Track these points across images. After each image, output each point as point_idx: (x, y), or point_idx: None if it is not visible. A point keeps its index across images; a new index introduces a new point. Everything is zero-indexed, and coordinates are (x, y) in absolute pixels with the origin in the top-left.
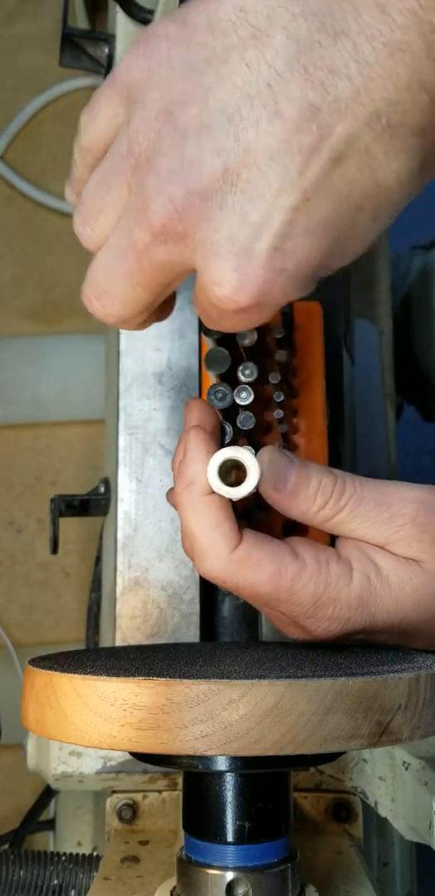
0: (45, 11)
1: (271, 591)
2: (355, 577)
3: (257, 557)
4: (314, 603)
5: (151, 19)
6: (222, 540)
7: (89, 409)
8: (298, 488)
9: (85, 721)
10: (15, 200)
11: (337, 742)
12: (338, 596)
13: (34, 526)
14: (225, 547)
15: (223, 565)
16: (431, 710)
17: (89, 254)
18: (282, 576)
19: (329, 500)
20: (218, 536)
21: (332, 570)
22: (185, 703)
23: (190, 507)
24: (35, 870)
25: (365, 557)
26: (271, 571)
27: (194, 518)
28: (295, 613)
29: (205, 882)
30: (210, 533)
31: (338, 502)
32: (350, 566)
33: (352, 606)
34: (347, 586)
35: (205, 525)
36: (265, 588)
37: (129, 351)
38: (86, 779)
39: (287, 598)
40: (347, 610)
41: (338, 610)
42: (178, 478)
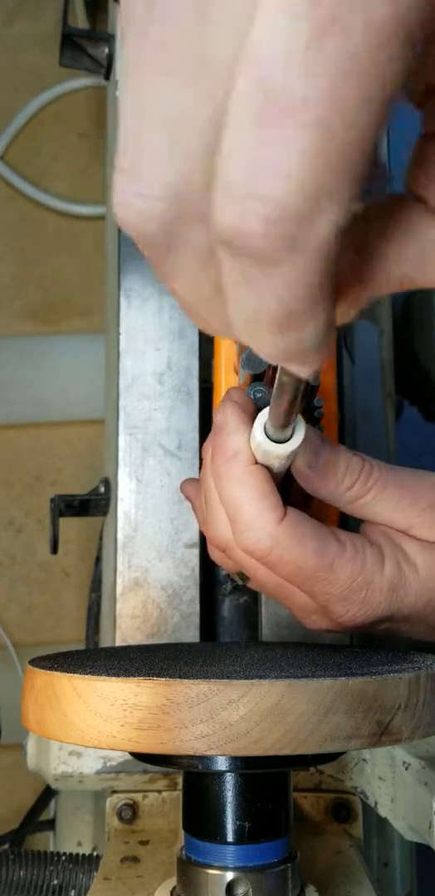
0: (45, 11)
1: (312, 568)
2: (387, 562)
3: (303, 531)
4: (349, 585)
5: None
6: (270, 510)
7: (89, 409)
8: (329, 467)
9: (85, 721)
10: (15, 200)
11: (337, 742)
12: (372, 579)
13: (34, 526)
14: (272, 517)
15: (270, 534)
16: (430, 710)
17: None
18: (324, 553)
19: (357, 481)
20: (265, 506)
21: (367, 553)
22: (185, 702)
23: (235, 477)
24: (35, 870)
25: (393, 543)
26: (315, 547)
27: (240, 488)
28: (329, 595)
29: (205, 882)
30: (257, 503)
31: (365, 484)
32: (381, 551)
33: (383, 591)
34: (380, 570)
35: (251, 494)
36: (308, 563)
37: (129, 351)
38: (86, 779)
39: (325, 577)
40: (378, 594)
41: (370, 594)
42: (218, 452)
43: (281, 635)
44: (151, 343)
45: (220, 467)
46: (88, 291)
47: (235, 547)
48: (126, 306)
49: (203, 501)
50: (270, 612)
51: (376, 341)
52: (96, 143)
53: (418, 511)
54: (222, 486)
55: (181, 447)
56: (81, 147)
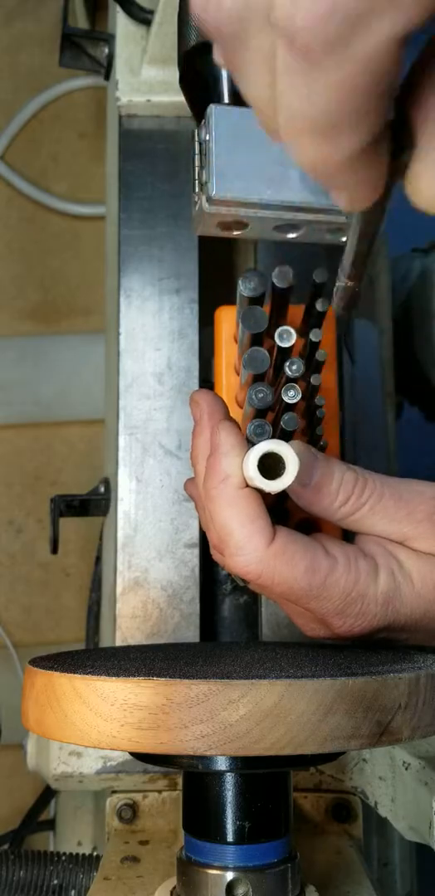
0: (45, 11)
1: (305, 587)
2: (381, 573)
3: (293, 552)
4: (344, 599)
5: (151, 19)
6: (259, 534)
7: (89, 409)
8: (322, 483)
9: (85, 721)
10: (15, 200)
11: (337, 742)
12: (366, 592)
13: (34, 526)
14: (262, 541)
15: (260, 559)
16: (430, 709)
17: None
18: (316, 571)
19: (351, 495)
20: (255, 530)
21: (360, 566)
22: (185, 702)
23: (225, 501)
24: (35, 870)
25: (388, 554)
26: (305, 566)
27: (230, 512)
28: (324, 610)
29: (205, 882)
30: (248, 526)
31: (359, 498)
32: (375, 563)
33: (378, 602)
34: (374, 582)
35: (242, 519)
36: (300, 583)
37: (129, 351)
38: (86, 779)
39: (319, 594)
40: (373, 606)
41: (365, 606)
42: (210, 472)
43: (281, 635)
44: (151, 343)
45: (211, 489)
46: (88, 291)
47: None
48: (126, 306)
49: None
50: (270, 612)
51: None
52: (96, 143)
53: (415, 523)
54: (213, 507)
55: (181, 447)
56: (81, 147)
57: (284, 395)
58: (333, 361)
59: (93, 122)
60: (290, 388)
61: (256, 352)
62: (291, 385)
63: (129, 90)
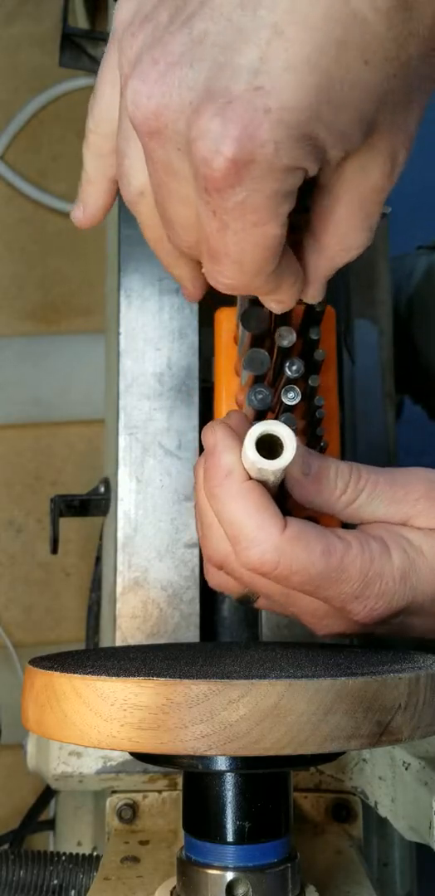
0: (45, 11)
1: (323, 570)
2: (393, 551)
3: (307, 536)
4: (363, 579)
5: None
6: (271, 521)
7: (89, 409)
8: (321, 474)
9: (85, 721)
10: (15, 200)
11: (337, 742)
12: (383, 570)
13: (34, 526)
14: (275, 528)
15: (275, 547)
16: (430, 709)
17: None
18: (332, 553)
19: (349, 483)
20: (266, 518)
21: (372, 546)
22: (185, 702)
23: (232, 495)
24: (35, 870)
25: (394, 534)
26: (322, 549)
27: (239, 504)
28: (344, 595)
29: (205, 882)
30: (257, 516)
31: (357, 485)
32: (385, 542)
33: (396, 580)
34: (389, 560)
35: (251, 509)
36: (317, 567)
37: (129, 351)
38: (86, 779)
39: (338, 577)
40: (392, 584)
41: (384, 585)
42: (211, 473)
43: (281, 635)
44: (151, 343)
45: (214, 488)
46: (88, 291)
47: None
48: (126, 306)
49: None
50: (270, 612)
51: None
52: None
53: (412, 502)
54: (219, 506)
55: (181, 447)
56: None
57: (283, 398)
58: (332, 362)
59: None
60: (289, 389)
61: (255, 353)
62: (290, 387)
63: None
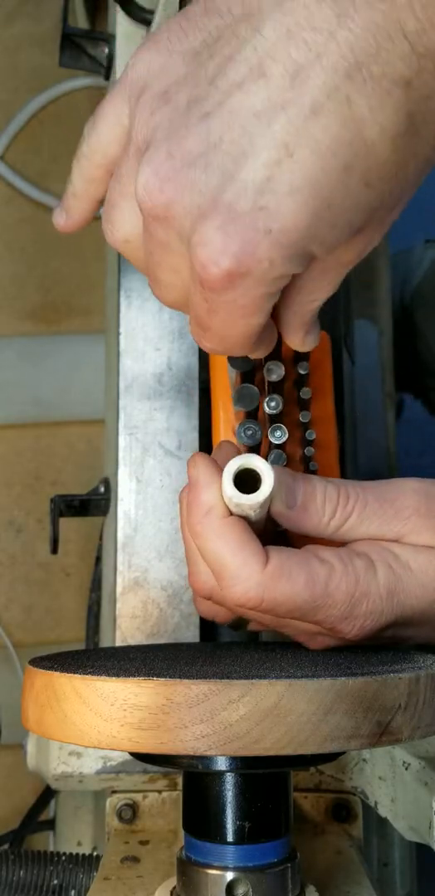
0: (45, 11)
1: (309, 599)
2: (378, 567)
3: (289, 567)
4: (349, 601)
5: (151, 19)
6: (253, 557)
7: (89, 409)
8: (308, 502)
9: (85, 721)
10: (15, 200)
11: (337, 742)
12: (368, 589)
13: (34, 526)
14: (257, 564)
15: (259, 582)
16: (430, 709)
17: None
18: (315, 581)
19: (337, 507)
20: (248, 555)
21: (356, 565)
22: (185, 702)
23: (213, 532)
24: (35, 870)
25: (380, 549)
26: (305, 579)
27: (219, 542)
28: (332, 618)
29: (205, 882)
30: (239, 553)
31: (345, 508)
32: (370, 559)
33: (383, 597)
34: (374, 578)
35: (232, 546)
36: (302, 596)
37: (129, 351)
38: (86, 779)
39: (324, 602)
40: (379, 602)
41: (371, 604)
42: (193, 508)
43: (281, 635)
44: (151, 343)
45: (195, 525)
46: (88, 291)
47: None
48: (126, 306)
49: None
50: None
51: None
52: None
53: (403, 520)
54: (201, 542)
55: (181, 447)
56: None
57: (270, 436)
58: (329, 389)
59: None
60: (276, 428)
61: (245, 388)
62: (277, 426)
63: None
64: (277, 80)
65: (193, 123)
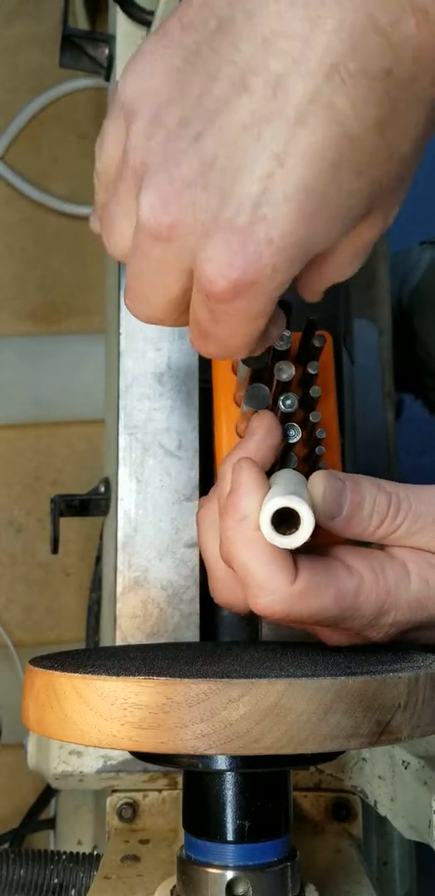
0: (45, 12)
1: (336, 614)
2: (413, 579)
3: (317, 584)
4: (377, 612)
5: (151, 20)
6: (281, 573)
7: (89, 409)
8: (354, 512)
9: (85, 720)
10: (15, 201)
11: (337, 741)
12: (398, 601)
13: (34, 526)
14: (284, 580)
15: (284, 599)
16: (430, 709)
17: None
18: (344, 596)
19: (385, 519)
20: (276, 570)
21: (388, 576)
22: (186, 702)
23: (243, 542)
24: (35, 869)
25: (422, 560)
26: (333, 595)
27: (250, 553)
28: (358, 627)
29: (205, 881)
30: (268, 566)
31: (394, 521)
32: (406, 568)
33: (412, 609)
34: (406, 589)
35: (261, 559)
36: (330, 612)
37: (129, 351)
38: (86, 778)
39: (352, 615)
40: (407, 613)
41: (399, 614)
42: (228, 511)
43: (281, 635)
44: (151, 343)
45: (228, 529)
46: (88, 291)
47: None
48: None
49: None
50: None
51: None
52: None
53: None
54: (231, 547)
55: (181, 447)
56: (82, 148)
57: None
58: (332, 390)
59: (93, 123)
60: (290, 427)
61: (256, 388)
62: (291, 424)
63: None
64: (259, 93)
65: (188, 144)
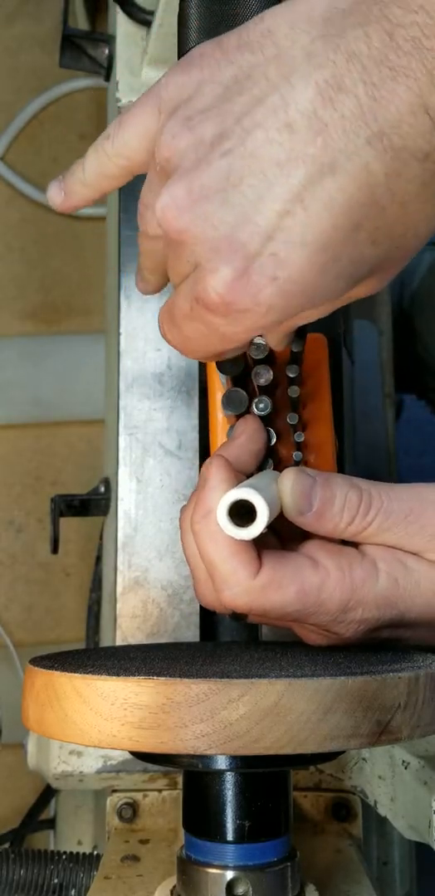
0: (45, 12)
1: (299, 609)
2: (381, 577)
3: (280, 578)
4: (342, 609)
5: (151, 20)
6: (243, 567)
7: (89, 409)
8: (324, 509)
9: (85, 720)
10: (15, 201)
11: (337, 741)
12: (364, 599)
13: (34, 526)
14: (246, 574)
15: (246, 592)
16: (430, 709)
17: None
18: (307, 592)
19: (356, 515)
20: (238, 564)
21: (355, 573)
22: (186, 702)
23: (207, 536)
24: (35, 869)
25: (393, 559)
26: (296, 590)
27: (212, 547)
28: (324, 623)
29: (205, 881)
30: (230, 561)
31: (365, 517)
32: (375, 566)
33: (380, 606)
34: (373, 588)
35: (224, 553)
36: (293, 606)
37: (129, 351)
38: (86, 778)
39: (316, 611)
40: (375, 610)
41: (366, 612)
42: (196, 506)
43: (281, 635)
44: (151, 343)
45: (194, 524)
46: (88, 292)
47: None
48: (126, 306)
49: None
50: None
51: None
52: None
53: (428, 537)
54: (198, 542)
55: (181, 447)
56: (82, 148)
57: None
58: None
59: (93, 123)
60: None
61: (233, 392)
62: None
63: (130, 91)
64: (301, 134)
65: (215, 158)
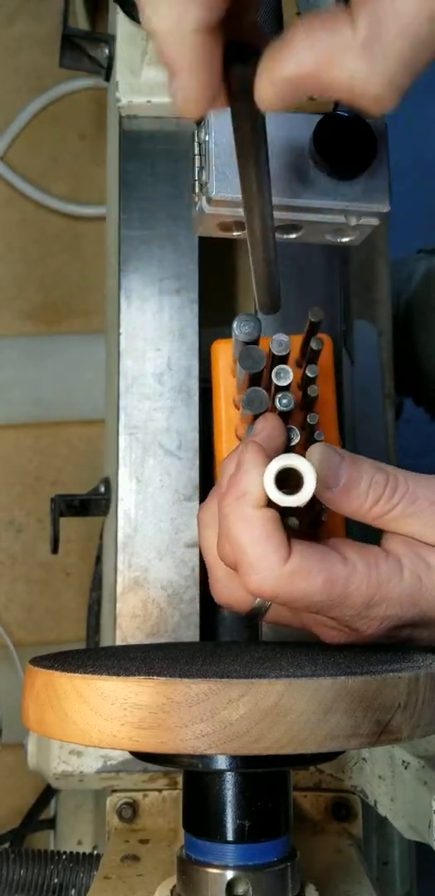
0: (45, 12)
1: (325, 599)
2: (406, 574)
3: (308, 567)
4: (367, 604)
5: None
6: (274, 552)
7: (89, 409)
8: (350, 485)
9: (85, 720)
10: (15, 201)
11: (336, 741)
12: (389, 594)
13: (34, 526)
14: (277, 559)
15: (275, 578)
16: (430, 709)
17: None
18: (334, 582)
19: (381, 497)
20: (270, 549)
21: (381, 569)
22: (186, 702)
23: (240, 518)
24: (35, 869)
25: (416, 556)
26: (323, 579)
27: (244, 529)
28: (347, 617)
29: (205, 881)
30: (262, 545)
31: (390, 500)
32: (400, 563)
33: (403, 605)
34: (398, 585)
35: (255, 537)
36: (319, 596)
37: (129, 351)
38: (86, 778)
39: (341, 603)
40: (398, 608)
41: (389, 609)
42: (230, 489)
43: (281, 635)
44: (151, 343)
45: (226, 506)
46: (88, 292)
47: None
48: (126, 306)
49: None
50: None
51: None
52: (96, 145)
53: None
54: (228, 524)
55: (181, 447)
56: (82, 148)
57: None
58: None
59: (93, 123)
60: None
61: (254, 392)
62: (289, 427)
63: (130, 91)
64: None
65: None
